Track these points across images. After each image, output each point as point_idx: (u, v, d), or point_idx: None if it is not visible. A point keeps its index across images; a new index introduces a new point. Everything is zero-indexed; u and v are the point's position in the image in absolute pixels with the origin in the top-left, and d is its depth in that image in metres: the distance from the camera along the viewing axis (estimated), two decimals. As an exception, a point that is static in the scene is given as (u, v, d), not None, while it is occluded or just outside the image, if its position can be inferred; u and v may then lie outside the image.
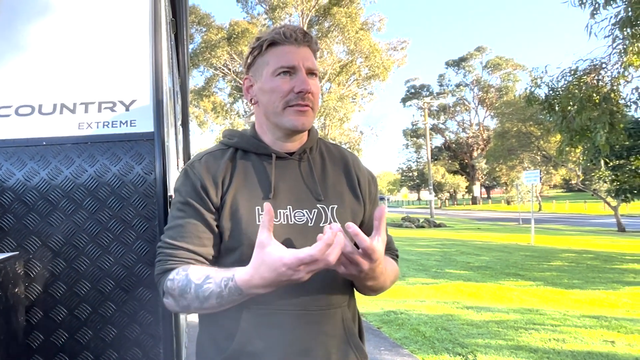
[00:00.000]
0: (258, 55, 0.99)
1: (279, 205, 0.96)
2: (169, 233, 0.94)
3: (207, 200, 0.94)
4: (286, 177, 0.99)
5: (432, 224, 22.67)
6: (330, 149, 1.11)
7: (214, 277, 0.85)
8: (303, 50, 0.97)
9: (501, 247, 11.84)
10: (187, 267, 0.90)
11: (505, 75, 50.38)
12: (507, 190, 46.75)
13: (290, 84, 0.95)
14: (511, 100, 29.93)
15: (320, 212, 0.99)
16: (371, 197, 1.10)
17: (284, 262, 0.77)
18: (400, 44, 29.01)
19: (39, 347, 1.06)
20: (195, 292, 0.85)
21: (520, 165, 30.41)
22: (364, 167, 1.13)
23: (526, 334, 4.10)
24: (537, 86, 8.17)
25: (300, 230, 0.96)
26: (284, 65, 0.95)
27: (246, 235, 0.92)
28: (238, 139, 1.02)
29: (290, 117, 0.95)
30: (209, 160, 0.98)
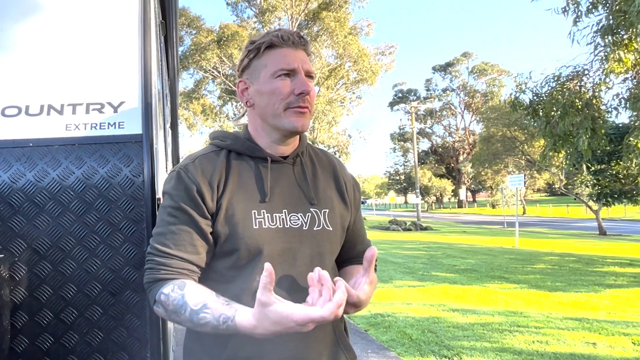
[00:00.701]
0: (254, 57, 0.98)
1: (275, 208, 0.96)
2: (159, 239, 0.92)
3: (202, 206, 0.92)
4: (280, 180, 1.00)
5: (418, 227, 22.84)
6: (318, 153, 1.12)
7: (212, 309, 0.84)
8: (300, 53, 0.98)
9: (486, 250, 11.99)
10: (182, 284, 0.88)
11: (490, 80, 51.15)
12: (492, 194, 47.37)
13: (291, 86, 0.95)
14: (496, 105, 30.39)
15: (314, 216, 1.00)
16: (356, 202, 1.13)
17: (294, 320, 0.78)
18: (389, 49, 29.24)
19: (23, 352, 1.04)
20: (190, 316, 0.85)
21: (505, 170, 30.86)
22: (349, 173, 1.15)
23: (510, 336, 4.15)
24: (521, 92, 8.33)
25: (295, 233, 0.97)
26: (285, 67, 0.95)
27: (242, 240, 0.92)
28: (232, 141, 1.01)
29: (291, 119, 0.96)
30: (203, 163, 0.96)
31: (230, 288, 0.93)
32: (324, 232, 1.00)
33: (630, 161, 7.20)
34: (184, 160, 1.01)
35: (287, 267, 0.94)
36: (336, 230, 1.03)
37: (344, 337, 1.07)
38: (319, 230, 1.00)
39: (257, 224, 0.93)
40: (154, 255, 0.91)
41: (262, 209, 0.95)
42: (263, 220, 0.94)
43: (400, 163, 60.16)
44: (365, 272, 0.92)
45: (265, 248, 0.93)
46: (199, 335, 0.98)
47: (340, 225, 1.05)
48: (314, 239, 0.98)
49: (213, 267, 0.96)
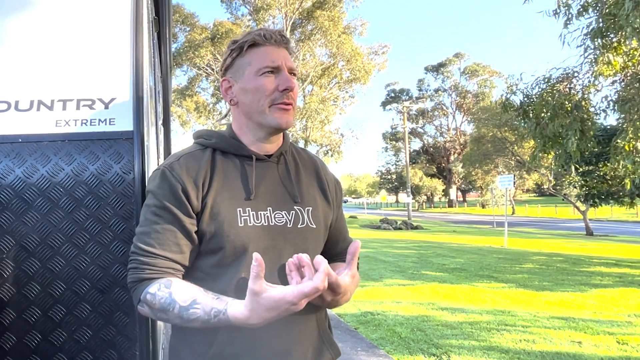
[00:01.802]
0: (238, 56, 1.00)
1: (259, 206, 0.97)
2: (143, 238, 0.92)
3: (187, 205, 0.92)
4: (265, 178, 1.00)
5: (409, 226, 22.97)
6: (300, 152, 1.14)
7: (202, 304, 0.84)
8: (282, 51, 0.99)
9: (476, 249, 12.10)
10: (168, 282, 0.88)
11: (482, 81, 51.52)
12: (482, 194, 47.78)
13: (275, 82, 0.97)
14: (487, 106, 30.62)
15: (298, 214, 1.01)
16: (337, 201, 1.15)
17: (288, 300, 0.79)
18: (382, 49, 29.31)
19: (11, 349, 1.03)
20: (179, 312, 0.85)
21: (495, 170, 31.14)
22: (331, 172, 1.17)
23: (498, 335, 4.20)
24: (512, 93, 8.40)
25: (280, 231, 0.98)
26: (269, 65, 0.97)
27: (228, 238, 0.92)
28: (217, 139, 1.01)
29: (275, 116, 0.97)
30: (188, 161, 0.96)
31: (215, 286, 0.93)
32: (308, 229, 1.02)
33: (618, 163, 7.31)
34: (168, 158, 1.01)
35: (272, 265, 0.95)
36: (320, 228, 1.05)
37: (327, 334, 1.09)
38: (303, 227, 1.01)
39: (242, 222, 0.94)
40: (138, 255, 0.91)
41: (247, 206, 0.96)
42: (248, 218, 0.95)
43: (392, 162, 60.40)
44: (347, 264, 0.93)
45: (251, 246, 0.93)
46: (184, 335, 0.98)
47: (323, 223, 1.06)
48: (299, 236, 1.00)
49: (198, 265, 0.96)
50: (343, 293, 0.92)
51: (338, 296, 0.92)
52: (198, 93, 29.12)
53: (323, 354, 1.05)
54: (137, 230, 0.94)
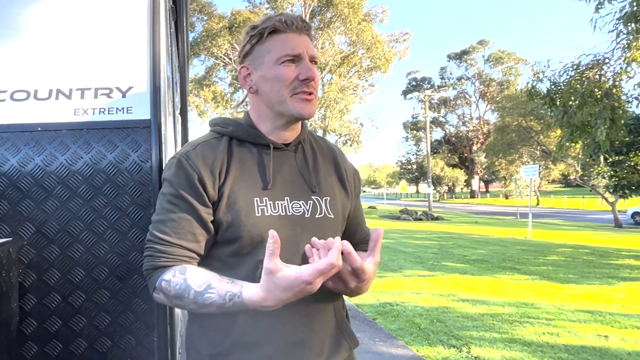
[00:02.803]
0: (257, 43, 0.97)
1: (277, 196, 0.96)
2: (158, 226, 0.92)
3: (203, 194, 0.91)
4: (283, 168, 0.99)
5: (430, 217, 22.74)
6: (318, 141, 1.12)
7: (217, 288, 0.84)
8: (304, 38, 0.96)
9: (498, 240, 11.90)
10: (183, 269, 0.88)
11: (507, 69, 50.11)
12: (506, 185, 46.80)
13: (295, 72, 0.94)
14: (512, 94, 29.82)
15: (316, 204, 1.00)
16: (356, 190, 1.13)
17: (304, 279, 0.77)
18: (403, 36, 28.81)
19: (32, 334, 1.06)
20: (195, 298, 0.84)
21: (520, 160, 30.43)
22: (349, 162, 1.15)
23: (520, 328, 4.13)
24: (539, 80, 8.14)
25: (298, 221, 0.97)
26: (289, 53, 0.94)
27: (245, 228, 0.91)
28: (233, 127, 1.00)
29: (297, 105, 0.95)
30: (204, 150, 0.95)
31: (233, 274, 0.92)
32: (326, 219, 1.01)
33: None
34: (184, 147, 1.00)
35: (290, 255, 0.93)
36: (337, 218, 1.03)
37: (345, 324, 1.08)
38: (321, 217, 1.00)
39: (259, 212, 0.93)
40: (154, 243, 0.91)
41: (264, 196, 0.94)
42: (265, 207, 0.94)
43: (412, 152, 59.76)
44: (371, 252, 0.91)
45: (267, 236, 0.91)
46: (200, 324, 0.99)
47: (341, 213, 1.05)
48: (316, 226, 0.98)
49: (214, 254, 0.96)
50: (367, 280, 0.91)
51: (362, 283, 0.90)
52: (215, 83, 29.20)
53: (341, 343, 1.04)
54: (153, 218, 0.94)
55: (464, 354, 3.51)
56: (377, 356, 3.50)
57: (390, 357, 3.49)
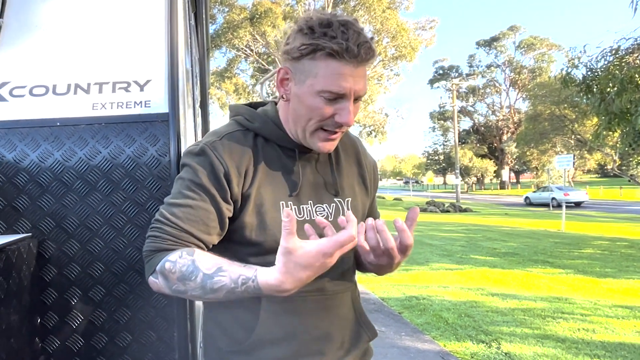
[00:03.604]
0: (307, 55, 0.83)
1: (301, 200, 0.94)
2: (172, 210, 0.86)
3: (227, 190, 0.87)
4: (306, 170, 0.96)
5: (457, 209, 22.31)
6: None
7: (229, 271, 0.79)
8: (360, 71, 0.84)
9: (529, 233, 11.55)
10: (191, 250, 0.84)
11: (539, 55, 48.25)
12: (538, 175, 45.38)
13: (333, 110, 0.86)
14: (545, 81, 28.73)
15: (338, 206, 0.98)
16: (375, 185, 1.11)
17: (324, 252, 0.72)
18: (429, 24, 28.10)
19: (54, 328, 1.07)
20: (203, 281, 0.79)
21: (553, 150, 29.41)
22: (369, 155, 1.12)
23: (554, 323, 3.99)
24: (574, 67, 7.80)
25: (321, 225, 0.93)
26: (333, 90, 0.83)
27: (271, 232, 0.89)
28: (260, 124, 0.94)
29: (319, 143, 0.90)
30: (231, 144, 0.91)
31: None
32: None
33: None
34: (207, 136, 0.95)
35: None
36: (358, 218, 1.00)
37: (364, 314, 1.07)
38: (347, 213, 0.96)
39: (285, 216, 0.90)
40: (163, 224, 0.85)
41: (289, 200, 0.92)
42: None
43: (439, 143, 58.68)
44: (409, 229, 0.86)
45: None
46: (219, 320, 0.97)
47: (361, 212, 1.04)
48: (339, 229, 0.95)
49: (234, 251, 0.93)
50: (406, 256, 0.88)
51: (404, 258, 0.89)
52: (237, 75, 29.23)
53: (361, 336, 1.03)
54: (167, 200, 0.89)
55: (493, 350, 3.41)
56: (403, 351, 3.45)
57: (416, 351, 3.44)
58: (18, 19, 1.19)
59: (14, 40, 1.16)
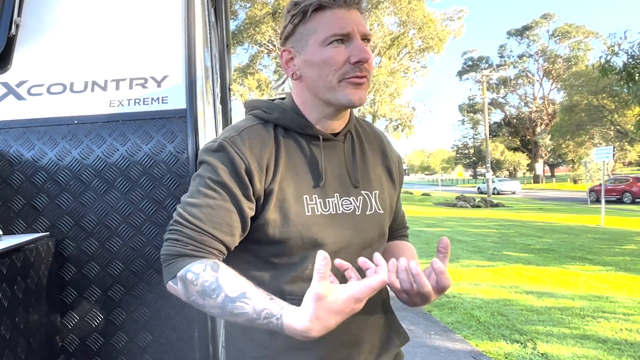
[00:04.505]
0: (300, 23, 0.85)
1: (327, 193, 0.88)
2: (192, 210, 0.81)
3: (249, 187, 0.82)
4: (332, 161, 0.90)
5: (489, 204, 21.71)
6: (364, 127, 1.02)
7: (253, 300, 0.74)
8: (354, 13, 0.85)
9: (566, 228, 11.09)
10: (216, 265, 0.78)
11: (575, 44, 46.22)
12: (574, 168, 43.61)
13: (345, 54, 0.83)
14: (581, 71, 27.52)
15: (366, 200, 0.92)
16: (401, 179, 1.05)
17: (357, 298, 0.70)
18: (457, 14, 27.42)
19: (74, 327, 1.07)
20: (224, 302, 0.75)
21: (590, 142, 28.20)
22: (394, 148, 1.07)
23: (594, 323, 3.79)
24: (614, 54, 7.39)
25: (349, 219, 0.89)
26: (337, 32, 0.82)
27: (295, 228, 0.84)
28: (279, 114, 0.90)
29: (347, 92, 0.84)
30: (251, 137, 0.86)
31: (277, 277, 0.86)
32: (377, 215, 0.93)
33: None
34: (225, 131, 0.90)
35: (342, 256, 0.85)
36: (386, 212, 0.96)
37: (394, 318, 1.02)
38: (371, 214, 0.92)
39: (309, 211, 0.85)
40: (184, 227, 0.81)
41: (313, 193, 0.87)
42: (315, 206, 0.86)
43: (469, 136, 57.31)
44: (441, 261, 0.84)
45: (319, 237, 0.85)
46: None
47: (389, 205, 0.98)
48: (367, 223, 0.91)
49: (254, 251, 0.88)
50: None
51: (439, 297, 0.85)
52: (260, 70, 29.24)
53: (392, 340, 0.98)
54: (184, 199, 0.84)
55: (529, 350, 3.27)
56: (432, 350, 3.36)
57: (447, 351, 3.33)
58: (35, 17, 1.19)
59: (32, 38, 1.16)
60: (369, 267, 0.76)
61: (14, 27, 1.14)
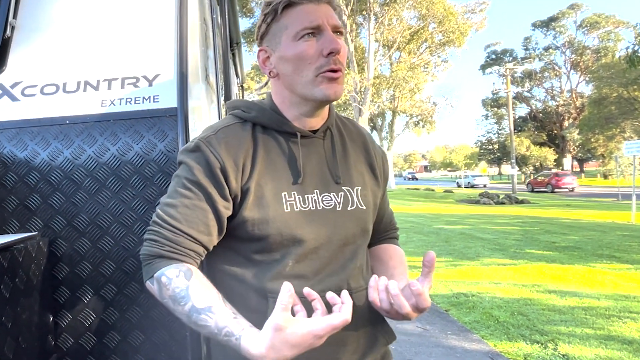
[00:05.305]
0: (272, 21, 0.87)
1: (306, 189, 0.88)
2: (169, 211, 0.83)
3: (225, 186, 0.83)
4: (311, 158, 0.90)
5: (513, 200, 21.19)
6: (346, 124, 1.02)
7: (217, 316, 0.75)
8: (324, 7, 0.86)
9: (594, 225, 10.71)
10: (189, 273, 0.80)
11: (604, 34, 44.56)
12: (604, 163, 42.10)
13: (318, 47, 0.83)
14: (611, 62, 26.50)
15: (347, 196, 0.92)
16: (385, 175, 1.04)
17: (316, 334, 0.71)
18: (479, 6, 26.80)
19: (67, 326, 1.08)
20: (189, 312, 0.77)
21: (621, 135, 27.18)
22: (378, 145, 1.06)
23: (619, 323, 3.64)
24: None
25: (329, 215, 0.89)
26: (307, 26, 0.83)
27: (274, 225, 0.84)
28: (257, 112, 0.90)
29: (322, 87, 0.84)
30: (227, 136, 0.87)
31: (258, 272, 0.86)
32: (358, 211, 0.92)
33: None
34: (204, 131, 0.92)
35: (323, 252, 0.87)
36: (369, 208, 0.95)
37: (380, 317, 0.99)
38: (353, 210, 0.92)
39: (288, 207, 0.85)
40: (161, 227, 0.82)
41: (292, 190, 0.87)
42: (294, 202, 0.86)
43: (493, 131, 56.01)
44: (425, 277, 0.85)
45: (299, 233, 0.85)
46: None
47: (372, 202, 0.96)
48: (348, 219, 0.91)
49: (239, 250, 0.88)
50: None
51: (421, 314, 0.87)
52: (275, 69, 29.39)
53: (377, 340, 0.98)
54: (163, 199, 0.86)
55: (549, 351, 3.16)
56: (448, 350, 3.29)
57: (463, 351, 3.26)
58: (31, 19, 1.20)
59: (27, 40, 1.18)
60: (336, 303, 0.75)
61: (9, 29, 1.15)
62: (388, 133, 31.24)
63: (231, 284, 0.88)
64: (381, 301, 0.83)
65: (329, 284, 0.86)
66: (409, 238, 8.68)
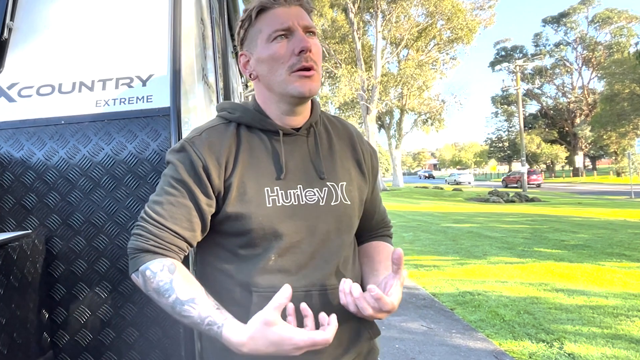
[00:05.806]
0: (249, 26, 0.93)
1: (289, 185, 0.91)
2: (155, 207, 0.87)
3: (207, 184, 0.87)
4: (294, 154, 0.93)
5: (523, 199, 20.98)
6: (333, 121, 1.05)
7: (200, 307, 0.80)
8: (295, 9, 0.91)
9: (605, 223, 10.57)
10: (173, 267, 0.84)
11: (616, 29, 43.84)
12: (617, 160, 41.46)
13: (289, 47, 0.88)
14: (623, 58, 26.08)
15: (331, 190, 0.94)
16: (374, 172, 1.06)
17: (294, 343, 0.75)
18: (488, 2, 26.51)
19: (62, 323, 1.09)
20: (173, 303, 0.81)
21: (634, 132, 26.72)
22: (366, 141, 1.08)
23: (628, 322, 3.59)
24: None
25: (312, 210, 0.91)
26: (279, 28, 0.88)
27: (256, 220, 0.87)
28: (241, 113, 0.94)
29: (297, 84, 0.88)
30: (211, 136, 0.91)
31: (243, 267, 0.89)
32: (342, 206, 0.94)
33: None
34: (190, 132, 0.96)
35: (305, 247, 0.89)
36: (354, 203, 0.96)
37: None
38: (337, 205, 0.93)
39: (270, 202, 0.88)
40: (147, 223, 0.86)
41: (275, 186, 0.90)
42: (277, 197, 0.89)
43: (503, 128, 55.49)
44: (395, 274, 0.88)
45: (280, 227, 0.87)
46: None
47: (358, 198, 0.98)
48: (332, 214, 0.93)
49: (224, 245, 0.92)
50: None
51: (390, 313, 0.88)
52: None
53: (361, 334, 0.99)
54: (151, 197, 0.90)
55: (555, 350, 3.14)
56: (452, 349, 3.27)
57: (467, 350, 3.24)
58: (28, 21, 1.22)
59: (24, 42, 1.20)
60: (324, 324, 0.80)
61: (7, 30, 1.18)
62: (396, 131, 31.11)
63: (220, 279, 0.91)
64: (348, 305, 0.85)
65: (313, 279, 0.89)
66: (416, 237, 8.64)
